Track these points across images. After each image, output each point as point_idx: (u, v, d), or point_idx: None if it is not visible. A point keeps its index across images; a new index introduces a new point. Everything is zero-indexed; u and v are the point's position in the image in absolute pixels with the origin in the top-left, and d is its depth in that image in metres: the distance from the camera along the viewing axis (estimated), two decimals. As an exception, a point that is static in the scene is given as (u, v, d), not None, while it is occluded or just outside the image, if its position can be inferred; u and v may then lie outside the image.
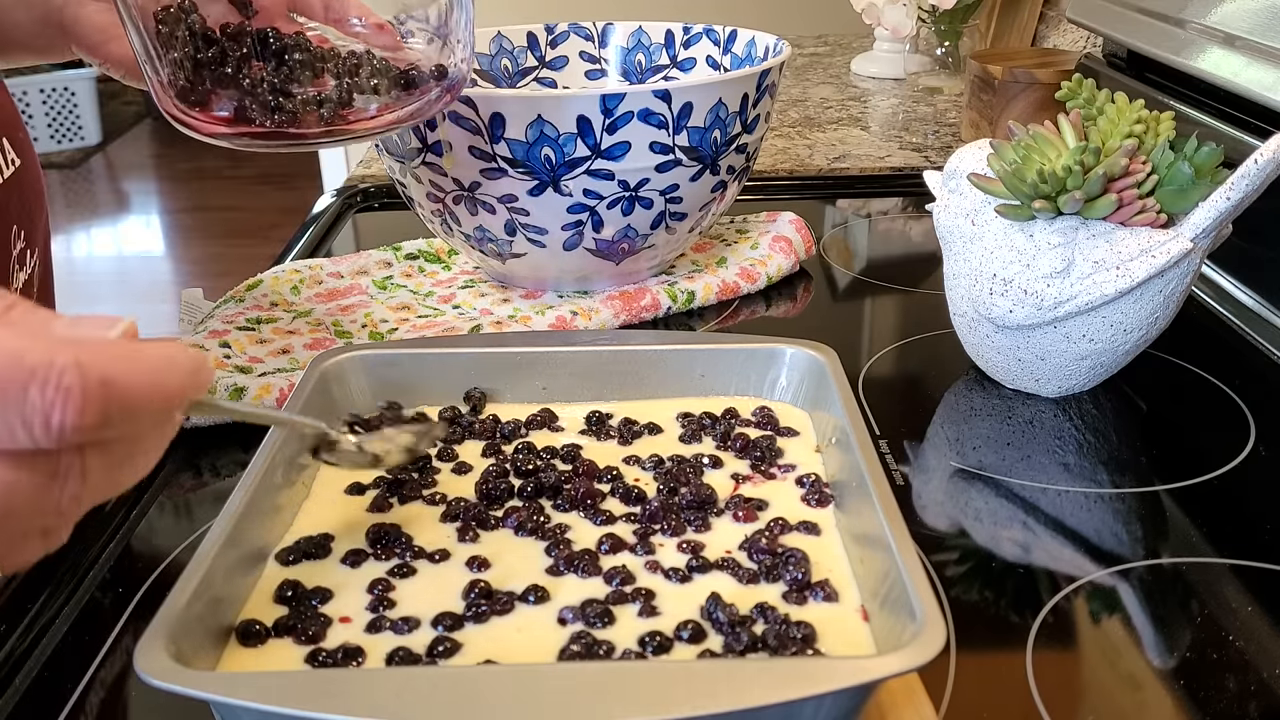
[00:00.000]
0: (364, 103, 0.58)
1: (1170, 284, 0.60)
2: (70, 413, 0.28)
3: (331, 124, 0.57)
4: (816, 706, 0.35)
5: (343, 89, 0.57)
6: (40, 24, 0.65)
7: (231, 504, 0.43)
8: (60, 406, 0.28)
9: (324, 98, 0.57)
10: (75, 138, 4.20)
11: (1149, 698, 0.45)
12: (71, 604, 0.51)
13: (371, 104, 0.58)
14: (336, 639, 0.40)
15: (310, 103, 0.56)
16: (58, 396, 0.28)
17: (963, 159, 0.66)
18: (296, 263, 0.83)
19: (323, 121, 0.57)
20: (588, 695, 0.34)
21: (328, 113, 0.57)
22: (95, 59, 0.65)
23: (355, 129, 0.58)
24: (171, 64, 0.56)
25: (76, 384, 0.28)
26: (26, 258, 0.69)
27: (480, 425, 0.54)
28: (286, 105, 0.56)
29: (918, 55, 1.40)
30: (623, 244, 0.75)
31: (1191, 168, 0.58)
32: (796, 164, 1.11)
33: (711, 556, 0.44)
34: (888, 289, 0.85)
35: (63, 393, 0.28)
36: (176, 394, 0.32)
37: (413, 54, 0.61)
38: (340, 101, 0.57)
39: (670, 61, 0.90)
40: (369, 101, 0.58)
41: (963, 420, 0.65)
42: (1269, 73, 0.74)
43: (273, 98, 0.56)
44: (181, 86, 0.56)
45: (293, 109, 0.56)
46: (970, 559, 0.53)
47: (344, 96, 0.57)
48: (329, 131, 0.57)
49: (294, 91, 0.56)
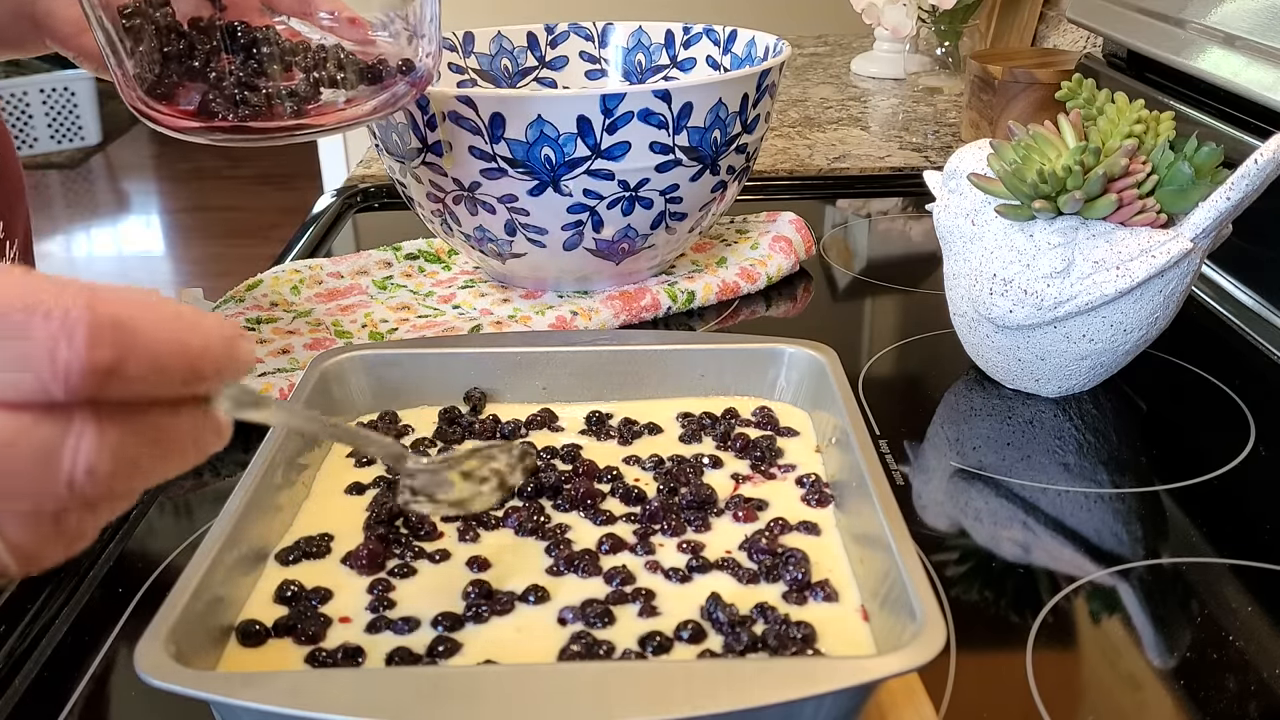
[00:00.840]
0: (331, 96, 0.58)
1: (1170, 284, 0.60)
2: (77, 346, 0.25)
3: (297, 117, 0.57)
4: (816, 706, 0.35)
5: (308, 82, 0.57)
6: (13, 17, 0.64)
7: (231, 504, 0.43)
8: (66, 341, 0.25)
9: (290, 91, 0.57)
10: (75, 138, 4.20)
11: (1149, 698, 0.45)
12: (71, 604, 0.51)
13: (338, 97, 0.58)
14: (336, 639, 0.40)
15: (276, 96, 0.56)
16: (63, 331, 0.25)
17: (963, 159, 0.66)
18: (296, 263, 0.83)
19: (288, 115, 0.57)
20: (588, 695, 0.34)
21: (293, 106, 0.57)
22: (68, 51, 0.65)
23: (321, 122, 0.58)
24: (138, 57, 0.56)
25: (84, 318, 0.25)
26: (6, 248, 0.69)
27: (480, 425, 0.54)
28: (251, 99, 0.56)
29: (918, 55, 1.39)
30: (623, 244, 0.75)
31: (1191, 168, 0.58)
32: (796, 164, 1.11)
33: (711, 556, 0.44)
34: (888, 289, 0.85)
35: (69, 325, 0.25)
36: (203, 357, 0.28)
37: (381, 48, 0.61)
38: (305, 96, 0.57)
39: (670, 61, 0.90)
40: (335, 95, 0.58)
41: (963, 420, 0.65)
42: (1269, 73, 0.74)
43: (238, 91, 0.56)
44: (148, 80, 0.56)
45: (257, 103, 0.56)
46: (970, 559, 0.53)
47: (309, 90, 0.57)
48: (295, 125, 0.57)
49: (260, 85, 0.56)
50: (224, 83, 0.56)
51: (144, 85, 0.56)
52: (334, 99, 0.58)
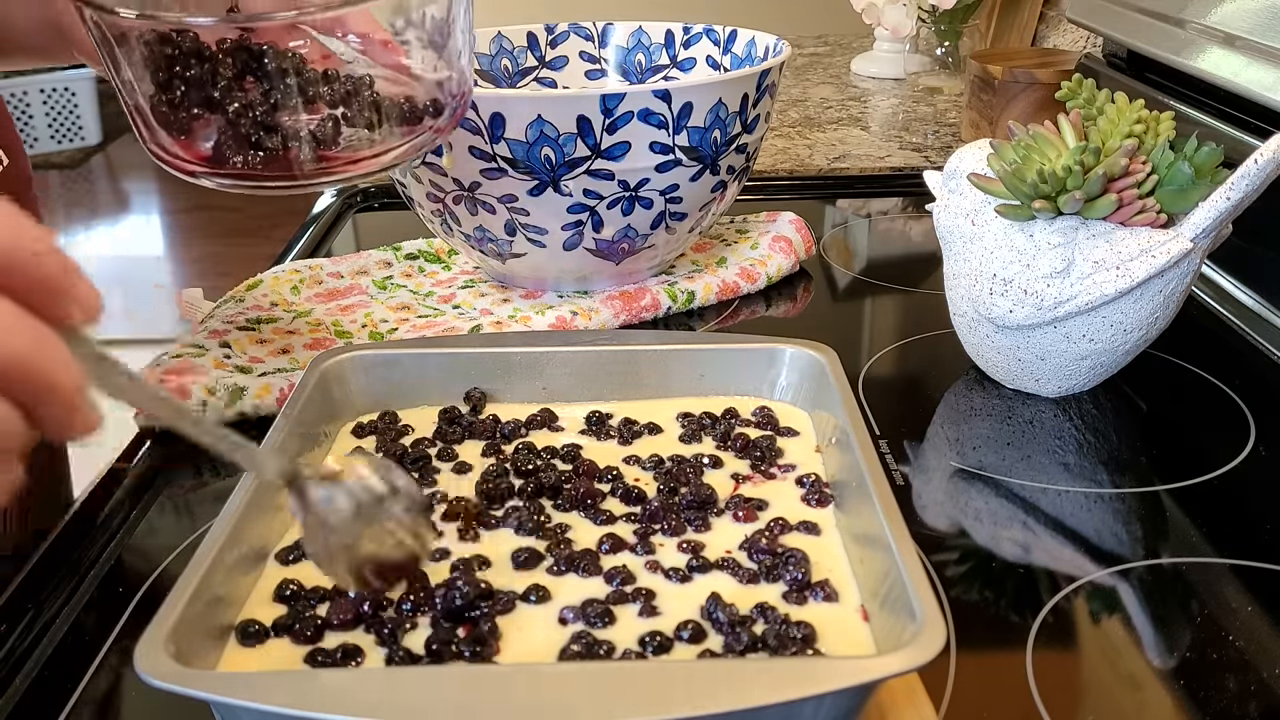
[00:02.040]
0: (353, 138, 0.54)
1: (1170, 284, 0.60)
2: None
3: (316, 164, 0.53)
4: (816, 706, 0.35)
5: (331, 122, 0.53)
6: (40, 25, 0.64)
7: (231, 504, 0.43)
8: None
9: (316, 134, 0.53)
10: (75, 138, 4.20)
11: (1149, 698, 0.45)
12: (71, 604, 0.51)
13: (363, 141, 0.54)
14: (336, 639, 0.40)
15: (294, 138, 0.53)
16: None
17: (963, 159, 0.66)
18: (296, 263, 0.83)
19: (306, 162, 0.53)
20: (588, 695, 0.34)
21: (311, 151, 0.53)
22: (94, 63, 0.64)
23: (356, 169, 0.54)
24: (156, 85, 0.52)
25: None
26: None
27: (480, 425, 0.54)
28: (266, 141, 0.52)
29: (918, 55, 1.39)
30: (623, 244, 0.75)
31: (1191, 168, 0.58)
32: (796, 164, 1.11)
33: (711, 556, 0.44)
34: (888, 289, 0.85)
35: None
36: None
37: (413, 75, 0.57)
38: (326, 138, 0.53)
39: (670, 61, 0.90)
40: (359, 137, 0.54)
41: (963, 420, 0.65)
42: (1269, 73, 0.74)
43: (254, 131, 0.52)
44: (163, 112, 0.53)
45: (273, 146, 0.52)
46: (970, 559, 0.53)
47: (331, 131, 0.53)
48: (321, 171, 0.53)
49: (279, 124, 0.52)
50: (242, 120, 0.52)
51: (159, 119, 0.53)
52: (357, 142, 0.54)
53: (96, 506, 0.58)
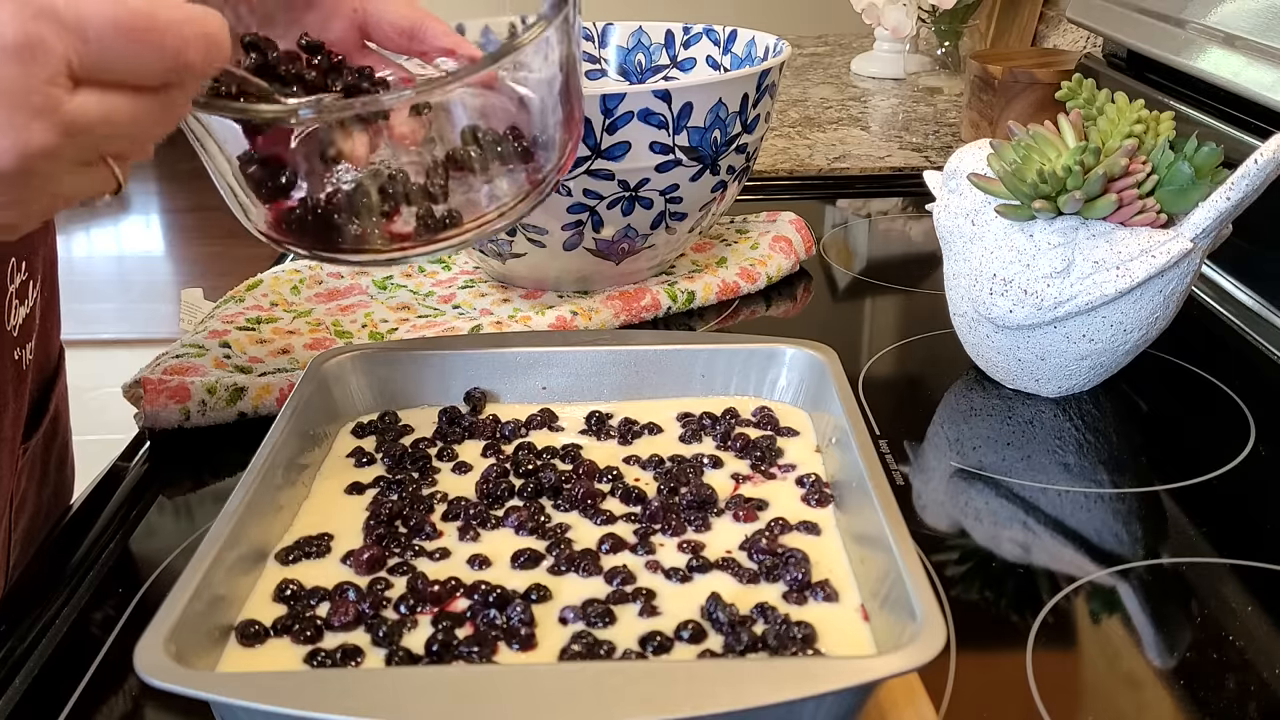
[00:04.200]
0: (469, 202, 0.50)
1: (1170, 284, 0.60)
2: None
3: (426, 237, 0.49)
4: (816, 706, 0.35)
5: (431, 210, 0.49)
6: None
7: (231, 504, 0.43)
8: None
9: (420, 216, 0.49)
10: (75, 138, 4.20)
11: (1149, 698, 0.45)
12: (71, 604, 0.51)
13: (484, 202, 0.50)
14: (336, 639, 0.40)
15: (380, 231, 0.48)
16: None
17: (963, 159, 0.66)
18: (297, 263, 0.83)
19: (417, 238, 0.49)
20: (588, 695, 0.34)
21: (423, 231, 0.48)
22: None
23: (460, 236, 0.50)
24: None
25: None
26: (29, 290, 0.65)
27: (480, 425, 0.54)
28: (353, 229, 0.47)
29: (918, 55, 1.40)
30: (623, 244, 0.75)
31: (1191, 168, 0.58)
32: (796, 164, 1.11)
33: (712, 556, 0.44)
34: (888, 289, 0.85)
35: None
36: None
37: (520, 117, 0.52)
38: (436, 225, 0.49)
39: (670, 61, 0.90)
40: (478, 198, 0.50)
41: (963, 420, 0.65)
42: (1269, 73, 0.74)
43: (338, 215, 0.48)
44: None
45: (358, 232, 0.47)
46: (970, 559, 0.53)
47: (433, 217, 0.49)
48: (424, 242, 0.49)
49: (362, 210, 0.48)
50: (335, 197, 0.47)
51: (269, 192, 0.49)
52: (477, 206, 0.49)
53: (96, 507, 0.58)
